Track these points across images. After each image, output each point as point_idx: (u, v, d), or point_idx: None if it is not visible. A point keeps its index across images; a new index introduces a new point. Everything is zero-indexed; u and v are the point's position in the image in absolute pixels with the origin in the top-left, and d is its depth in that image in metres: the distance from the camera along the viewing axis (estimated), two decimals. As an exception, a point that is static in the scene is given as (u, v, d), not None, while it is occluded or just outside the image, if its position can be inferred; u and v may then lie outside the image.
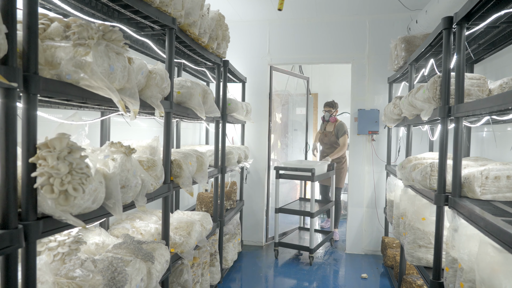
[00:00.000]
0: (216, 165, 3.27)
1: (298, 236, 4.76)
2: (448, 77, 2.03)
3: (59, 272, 1.43)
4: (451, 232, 1.80)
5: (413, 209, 2.46)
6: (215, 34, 2.89)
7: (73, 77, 1.20)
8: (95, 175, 1.28)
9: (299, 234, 4.84)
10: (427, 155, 2.79)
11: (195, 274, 2.65)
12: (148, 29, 2.23)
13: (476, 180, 1.79)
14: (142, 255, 1.70)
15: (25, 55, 1.07)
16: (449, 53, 2.05)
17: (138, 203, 1.62)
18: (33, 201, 1.10)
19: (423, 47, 2.62)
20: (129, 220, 2.41)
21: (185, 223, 2.47)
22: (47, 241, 1.55)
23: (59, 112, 2.02)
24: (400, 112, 3.10)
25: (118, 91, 1.38)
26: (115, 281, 1.44)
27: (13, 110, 1.00)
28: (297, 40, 4.60)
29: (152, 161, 1.87)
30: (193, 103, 2.39)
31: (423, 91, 2.28)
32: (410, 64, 3.08)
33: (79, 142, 1.60)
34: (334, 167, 4.76)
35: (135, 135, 3.10)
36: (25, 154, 1.09)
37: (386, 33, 4.30)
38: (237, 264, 4.06)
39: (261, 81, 4.69)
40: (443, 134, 2.08)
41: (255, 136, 4.74)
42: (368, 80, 4.40)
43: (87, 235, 1.95)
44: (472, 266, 1.50)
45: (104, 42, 1.28)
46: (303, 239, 4.57)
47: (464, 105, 1.79)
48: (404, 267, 3.05)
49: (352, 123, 4.45)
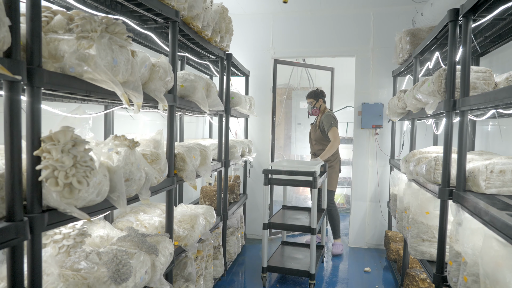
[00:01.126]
0: (220, 159, 3.27)
1: (285, 254, 3.72)
2: (454, 70, 2.01)
3: (64, 264, 1.45)
4: (455, 226, 1.80)
5: (416, 203, 2.45)
6: (218, 27, 2.87)
7: (76, 70, 1.20)
8: (99, 168, 1.28)
9: (285, 252, 3.78)
10: (432, 149, 2.78)
11: (198, 267, 2.66)
12: (151, 22, 2.22)
13: (481, 174, 1.78)
14: (146, 248, 1.71)
15: (29, 48, 1.07)
16: (455, 46, 2.03)
17: (142, 196, 1.63)
18: (38, 194, 1.11)
19: (428, 40, 2.59)
20: (133, 213, 2.42)
21: (188, 217, 2.48)
22: (52, 233, 1.56)
23: (63, 106, 2.02)
24: (405, 105, 3.08)
25: (122, 84, 1.38)
26: (120, 273, 1.45)
27: (17, 103, 1.01)
28: (301, 33, 4.56)
29: (156, 154, 1.87)
30: (197, 97, 2.39)
31: (428, 84, 2.26)
32: (415, 57, 3.05)
33: (83, 136, 1.61)
34: (326, 168, 3.95)
35: (139, 129, 3.11)
36: (30, 147, 1.10)
37: (390, 26, 4.26)
38: (241, 258, 4.08)
39: (264, 75, 4.67)
40: (448, 127, 2.06)
41: (259, 130, 4.73)
42: (372, 74, 4.37)
43: (92, 228, 1.96)
44: (476, 260, 1.50)
45: (107, 35, 1.28)
46: (294, 260, 3.54)
47: (469, 99, 1.78)
48: (407, 261, 3.05)
49: (356, 116, 4.43)
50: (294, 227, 3.30)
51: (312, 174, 3.10)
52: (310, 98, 4.36)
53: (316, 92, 4.35)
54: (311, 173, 3.10)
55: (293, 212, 3.98)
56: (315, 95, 4.34)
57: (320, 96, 4.34)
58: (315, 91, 4.35)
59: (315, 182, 3.09)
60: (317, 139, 4.39)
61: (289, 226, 3.35)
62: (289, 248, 3.92)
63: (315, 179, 3.09)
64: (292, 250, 3.83)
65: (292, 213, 3.91)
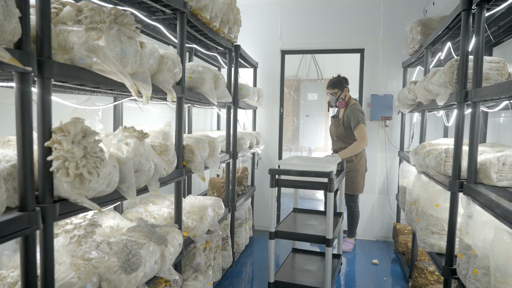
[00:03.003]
0: (228, 151, 3.28)
1: (296, 265, 3.26)
2: (466, 61, 1.97)
3: (76, 254, 1.47)
4: (465, 219, 1.78)
5: (426, 196, 2.43)
6: (226, 18, 2.85)
7: (86, 62, 1.20)
8: (109, 159, 1.29)
9: (295, 263, 3.32)
10: (442, 141, 2.74)
11: (207, 257, 2.69)
12: (160, 13, 2.21)
13: (492, 166, 1.75)
14: (156, 238, 1.73)
15: (39, 39, 1.08)
16: (468, 35, 1.99)
17: (151, 187, 1.64)
18: (50, 184, 1.13)
19: (440, 30, 2.54)
20: (142, 204, 2.45)
21: (197, 208, 2.50)
22: (63, 224, 1.59)
23: (73, 98, 2.04)
24: (415, 97, 3.04)
25: (131, 76, 1.38)
26: (130, 263, 1.47)
27: (28, 95, 1.01)
28: (309, 25, 4.51)
29: (165, 146, 1.88)
30: (205, 88, 2.38)
31: (439, 75, 2.22)
32: (426, 48, 3.00)
33: (92, 127, 1.62)
34: (344, 166, 3.39)
35: (147, 121, 3.12)
36: (41, 138, 1.11)
37: (401, 16, 4.19)
38: (249, 249, 4.11)
39: (272, 66, 4.64)
40: (459, 119, 2.03)
41: (267, 121, 4.72)
42: (382, 65, 4.32)
43: (102, 218, 1.99)
44: (486, 252, 1.49)
45: (116, 26, 1.28)
46: (307, 273, 3.08)
47: (482, 90, 1.74)
48: (415, 253, 3.04)
49: (365, 108, 4.39)
50: (306, 237, 2.79)
51: (327, 175, 2.60)
52: (334, 88, 3.68)
53: (340, 80, 3.69)
54: (326, 174, 2.60)
55: (306, 216, 3.41)
56: (339, 83, 3.67)
57: (345, 84, 3.69)
58: (338, 79, 3.71)
59: (331, 185, 2.57)
60: (340, 135, 3.84)
61: (300, 235, 2.81)
62: (301, 257, 3.46)
63: (331, 180, 2.57)
64: (304, 260, 3.37)
65: (304, 218, 3.34)
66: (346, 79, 3.73)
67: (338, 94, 3.70)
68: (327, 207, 2.62)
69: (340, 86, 3.68)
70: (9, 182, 1.07)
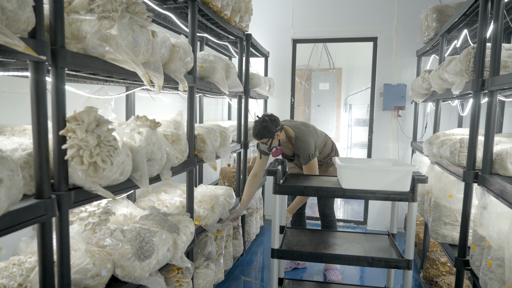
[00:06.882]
0: (239, 140, 3.28)
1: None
2: (484, 48, 1.92)
3: (90, 241, 1.50)
4: (479, 210, 1.76)
5: (439, 186, 2.40)
6: (237, 7, 2.83)
7: (98, 51, 1.20)
8: (122, 148, 1.30)
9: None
10: (456, 131, 2.69)
11: (218, 246, 2.72)
12: (171, 1, 2.21)
13: (509, 156, 1.71)
14: (168, 227, 1.75)
15: (52, 28, 1.08)
16: (486, 22, 1.93)
17: (164, 176, 1.65)
18: (65, 172, 1.14)
19: (456, 17, 2.47)
20: (154, 193, 2.47)
21: (208, 197, 2.52)
22: (78, 211, 1.62)
23: (86, 87, 2.05)
24: (429, 86, 2.98)
25: (143, 65, 1.39)
26: (143, 250, 1.50)
27: (42, 84, 1.02)
28: (321, 13, 4.44)
29: (177, 135, 1.89)
30: (216, 78, 2.38)
31: (455, 63, 2.17)
32: (441, 36, 2.93)
33: (105, 116, 1.63)
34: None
35: (159, 110, 3.14)
36: (56, 127, 1.12)
37: (416, 3, 4.08)
38: (259, 238, 4.14)
39: (284, 56, 4.60)
40: (475, 108, 1.99)
41: (278, 111, 4.70)
42: (395, 53, 4.24)
43: (116, 206, 2.02)
44: (501, 244, 1.47)
45: (128, 14, 1.28)
46: None
47: (500, 78, 1.70)
48: (427, 244, 3.02)
49: (377, 98, 4.33)
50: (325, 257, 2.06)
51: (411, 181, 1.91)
52: (262, 138, 2.72)
53: (265, 127, 2.68)
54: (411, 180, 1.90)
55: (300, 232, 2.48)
56: (267, 131, 2.68)
57: (274, 128, 2.69)
58: (262, 126, 2.68)
59: (414, 194, 1.90)
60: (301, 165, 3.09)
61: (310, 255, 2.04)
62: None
63: (414, 191, 1.90)
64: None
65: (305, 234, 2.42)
66: (274, 120, 2.74)
67: (270, 142, 2.73)
68: (408, 221, 1.96)
69: (268, 134, 2.69)
70: (26, 170, 1.09)
